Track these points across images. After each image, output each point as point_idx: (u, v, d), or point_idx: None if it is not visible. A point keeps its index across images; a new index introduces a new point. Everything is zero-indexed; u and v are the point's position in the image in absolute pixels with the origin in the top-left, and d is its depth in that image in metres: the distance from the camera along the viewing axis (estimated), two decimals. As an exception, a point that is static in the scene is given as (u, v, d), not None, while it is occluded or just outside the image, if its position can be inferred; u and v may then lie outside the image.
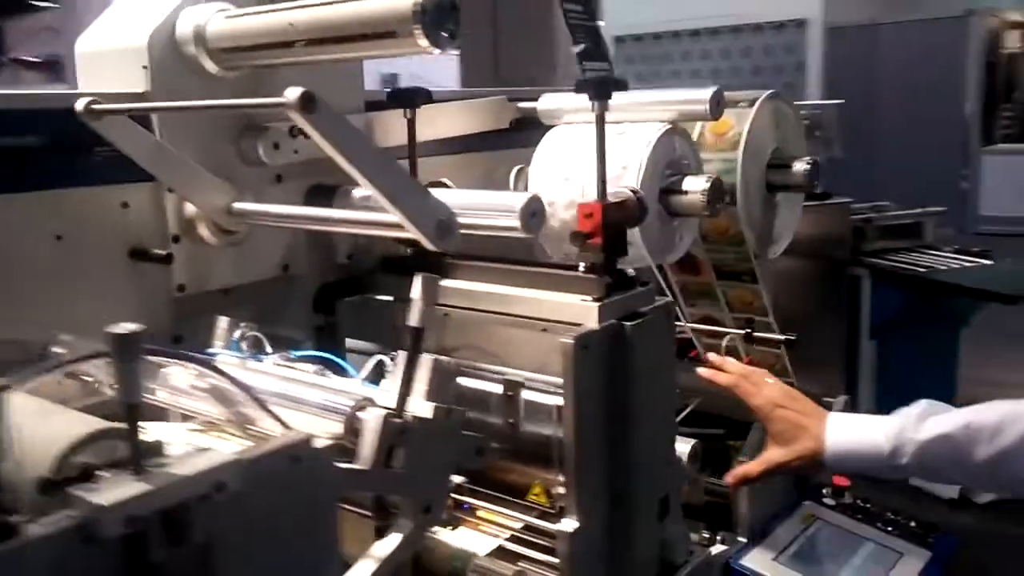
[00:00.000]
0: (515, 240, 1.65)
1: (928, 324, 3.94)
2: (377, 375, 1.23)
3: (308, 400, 1.07)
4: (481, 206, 1.22)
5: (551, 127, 1.80)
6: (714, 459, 1.81)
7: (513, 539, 1.36)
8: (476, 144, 1.81)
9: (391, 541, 1.04)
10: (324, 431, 1.01)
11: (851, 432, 1.12)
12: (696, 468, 1.76)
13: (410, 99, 1.57)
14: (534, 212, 1.21)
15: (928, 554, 1.70)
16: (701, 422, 1.90)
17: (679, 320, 2.03)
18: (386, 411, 1.01)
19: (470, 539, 1.38)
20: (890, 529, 1.76)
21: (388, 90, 1.62)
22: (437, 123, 1.65)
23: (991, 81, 8.08)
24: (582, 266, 1.34)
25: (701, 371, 1.19)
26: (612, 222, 1.32)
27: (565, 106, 1.78)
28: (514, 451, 1.38)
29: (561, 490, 1.29)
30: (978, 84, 7.83)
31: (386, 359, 1.22)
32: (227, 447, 1.07)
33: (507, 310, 1.37)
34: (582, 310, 1.29)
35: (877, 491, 2.11)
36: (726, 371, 1.20)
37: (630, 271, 1.38)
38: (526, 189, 1.77)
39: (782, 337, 1.89)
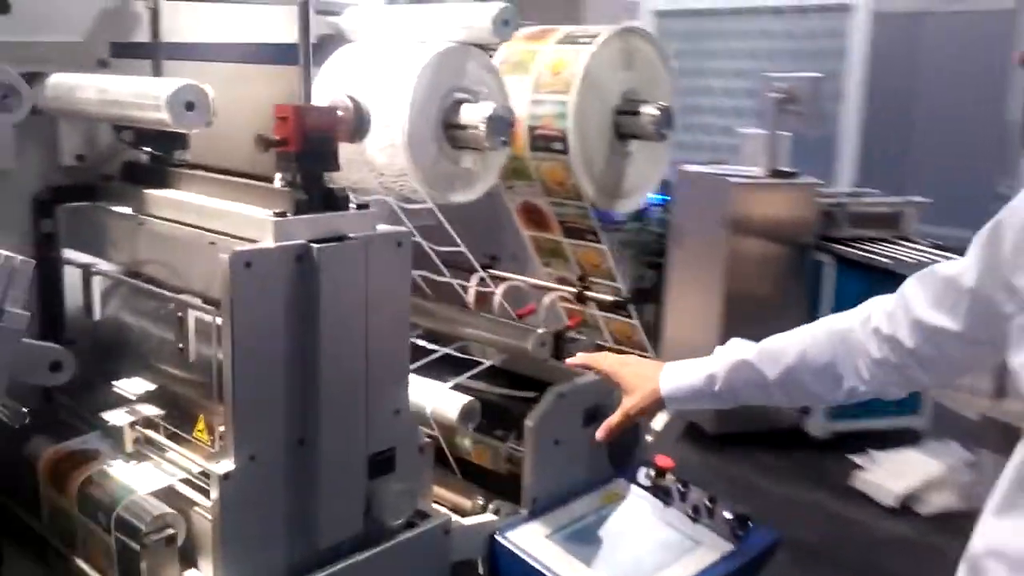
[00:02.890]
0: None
1: (892, 319, 3.64)
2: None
3: None
4: (132, 94, 1.07)
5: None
6: (516, 423, 1.63)
7: (188, 482, 1.22)
8: (280, 56, 1.63)
9: None
10: None
11: (678, 373, 1.33)
12: (469, 428, 1.59)
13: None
14: (190, 104, 1.06)
15: (730, 547, 1.51)
16: (511, 381, 1.73)
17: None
18: None
19: (148, 477, 1.24)
20: (697, 517, 1.56)
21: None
22: (204, 22, 1.48)
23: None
24: (278, 178, 1.18)
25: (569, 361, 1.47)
26: (311, 129, 1.15)
27: (368, 23, 1.61)
28: (191, 382, 1.24)
29: (223, 428, 1.15)
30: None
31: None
32: None
33: (195, 222, 1.22)
34: (257, 225, 1.13)
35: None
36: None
37: (351, 195, 1.22)
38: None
39: (611, 298, 1.70)
